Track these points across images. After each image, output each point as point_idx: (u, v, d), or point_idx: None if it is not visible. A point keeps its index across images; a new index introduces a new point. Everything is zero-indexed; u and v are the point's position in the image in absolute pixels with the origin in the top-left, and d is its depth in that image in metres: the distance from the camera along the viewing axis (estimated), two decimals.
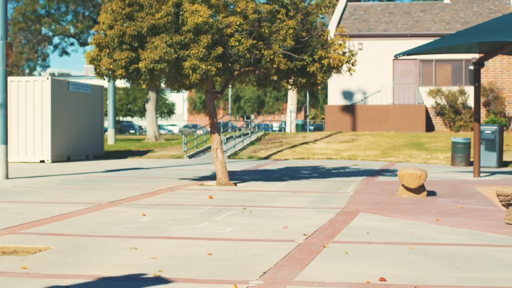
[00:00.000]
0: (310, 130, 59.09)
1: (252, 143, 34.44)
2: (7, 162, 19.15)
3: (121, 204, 13.05)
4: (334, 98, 38.77)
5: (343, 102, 38.59)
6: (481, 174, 20.23)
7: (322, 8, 17.35)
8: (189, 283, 6.58)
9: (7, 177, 18.98)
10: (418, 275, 6.93)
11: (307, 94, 73.55)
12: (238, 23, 16.18)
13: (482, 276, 6.95)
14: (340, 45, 17.38)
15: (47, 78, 27.31)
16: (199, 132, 46.24)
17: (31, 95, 27.11)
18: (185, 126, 79.99)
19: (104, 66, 16.65)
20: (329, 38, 17.51)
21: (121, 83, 60.65)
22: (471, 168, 22.78)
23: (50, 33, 57.78)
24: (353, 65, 17.65)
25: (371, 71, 37.83)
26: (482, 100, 36.44)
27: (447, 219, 11.07)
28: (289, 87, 18.15)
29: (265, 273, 6.99)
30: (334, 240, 9.03)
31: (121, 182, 18.02)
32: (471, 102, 36.92)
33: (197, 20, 15.73)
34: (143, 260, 7.60)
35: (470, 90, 36.59)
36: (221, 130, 38.29)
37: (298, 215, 11.54)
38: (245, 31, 16.36)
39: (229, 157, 30.44)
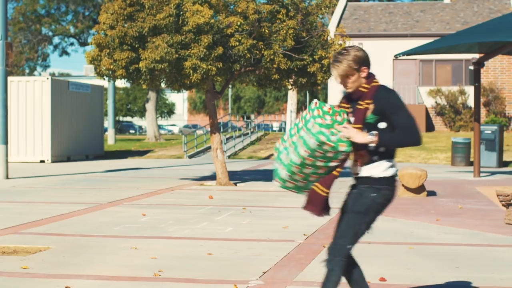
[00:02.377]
0: None
1: (252, 143, 34.44)
2: (7, 162, 19.15)
3: (121, 204, 13.05)
4: (334, 98, 38.76)
5: None
6: (481, 174, 20.22)
7: (322, 8, 17.35)
8: (189, 283, 6.58)
9: (7, 177, 18.98)
10: (418, 275, 6.93)
11: (307, 94, 73.55)
12: (238, 23, 16.19)
13: (482, 276, 6.95)
14: (340, 45, 17.39)
15: (47, 78, 27.32)
16: (199, 132, 46.24)
17: (31, 95, 27.11)
18: (185, 126, 79.93)
19: (104, 66, 16.66)
20: (329, 38, 17.51)
21: (121, 83, 60.65)
22: (471, 168, 22.78)
23: (50, 33, 57.77)
24: None
25: (371, 71, 37.79)
26: (482, 100, 36.43)
27: (447, 219, 11.07)
28: (289, 87, 18.17)
29: (265, 273, 6.99)
30: None
31: (121, 182, 18.02)
32: (471, 102, 36.91)
33: (198, 21, 15.73)
34: (143, 260, 7.60)
35: (470, 90, 36.59)
36: (221, 130, 38.27)
37: (298, 215, 11.54)
38: (245, 31, 16.37)
39: (229, 157, 30.45)
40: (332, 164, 4.72)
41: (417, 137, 4.69)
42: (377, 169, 4.76)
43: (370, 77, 4.84)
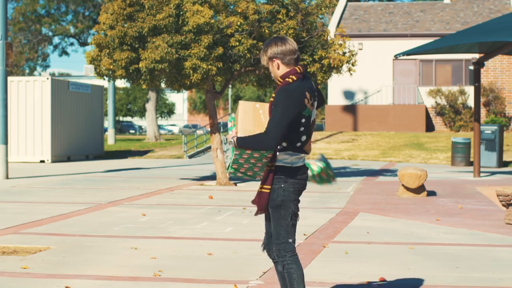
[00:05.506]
0: None
1: None
2: (7, 162, 19.15)
3: (121, 204, 13.06)
4: (334, 98, 38.77)
5: (343, 102, 38.60)
6: (481, 174, 20.22)
7: (322, 8, 17.35)
8: (189, 283, 6.58)
9: (7, 177, 18.98)
10: (418, 275, 6.93)
11: None
12: (238, 23, 16.19)
13: (482, 276, 6.95)
14: (340, 45, 17.39)
15: (47, 78, 27.32)
16: (199, 132, 46.21)
17: (31, 95, 27.11)
18: (185, 126, 79.89)
19: (104, 66, 16.66)
20: (329, 38, 17.51)
21: (121, 83, 60.63)
22: (471, 168, 22.78)
23: (50, 33, 57.76)
24: (353, 65, 17.66)
25: (371, 71, 37.82)
26: (482, 100, 36.43)
27: (447, 219, 11.07)
28: None
29: (265, 273, 6.99)
30: (334, 240, 9.03)
31: (121, 182, 18.02)
32: (471, 102, 36.91)
33: (198, 21, 15.74)
34: (143, 260, 7.60)
35: (470, 90, 36.59)
36: (221, 130, 38.26)
37: None
38: (245, 31, 16.37)
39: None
40: (264, 160, 4.94)
41: (267, 144, 4.78)
42: (280, 162, 4.91)
43: (289, 73, 4.92)
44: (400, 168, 15.67)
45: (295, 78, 4.89)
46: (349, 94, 38.81)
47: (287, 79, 4.89)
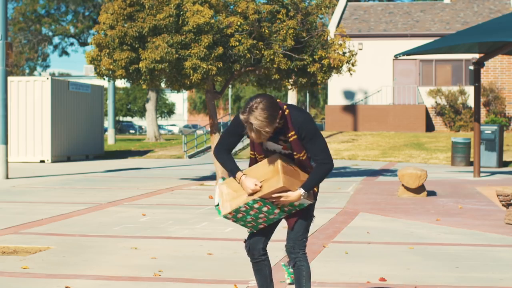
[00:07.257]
0: None
1: None
2: (7, 162, 19.15)
3: (121, 204, 13.05)
4: (334, 98, 38.76)
5: (343, 102, 38.60)
6: (481, 174, 20.22)
7: (322, 8, 17.36)
8: (189, 283, 6.58)
9: (7, 177, 18.98)
10: (418, 275, 6.93)
11: (307, 94, 73.54)
12: (238, 23, 16.19)
13: (482, 276, 6.95)
14: (340, 45, 17.40)
15: (47, 78, 27.32)
16: (199, 132, 46.21)
17: (31, 95, 27.11)
18: (185, 126, 79.90)
19: (104, 66, 16.67)
20: (329, 38, 17.52)
21: (121, 83, 60.62)
22: (471, 168, 22.78)
23: (50, 33, 57.75)
24: (353, 65, 17.66)
25: (371, 71, 37.82)
26: (482, 100, 36.42)
27: (447, 219, 11.07)
28: (289, 87, 18.18)
29: None
30: (334, 240, 9.03)
31: (121, 182, 18.02)
32: (471, 102, 36.91)
33: (199, 21, 15.74)
34: (143, 260, 7.60)
35: (470, 90, 36.59)
36: (221, 130, 38.25)
37: None
38: (245, 31, 16.37)
39: None
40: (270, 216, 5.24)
41: (331, 168, 4.86)
42: None
43: (282, 105, 4.83)
44: (400, 168, 15.67)
45: (285, 106, 4.83)
46: (349, 94, 38.80)
47: (285, 113, 4.80)
